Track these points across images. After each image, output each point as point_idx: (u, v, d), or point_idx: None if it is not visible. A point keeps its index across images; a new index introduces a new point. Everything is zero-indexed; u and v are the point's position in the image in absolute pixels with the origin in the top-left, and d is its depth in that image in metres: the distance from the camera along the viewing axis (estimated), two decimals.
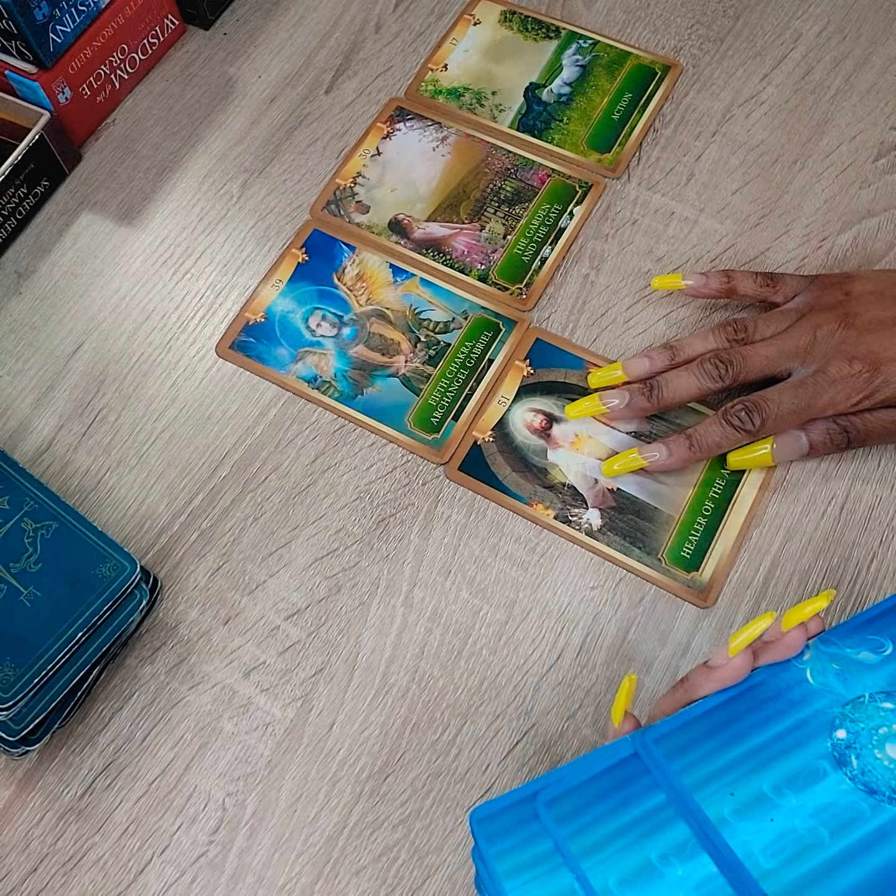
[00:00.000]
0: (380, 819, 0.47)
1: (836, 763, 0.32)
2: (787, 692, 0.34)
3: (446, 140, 0.64)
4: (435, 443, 0.55)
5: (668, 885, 0.31)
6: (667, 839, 0.32)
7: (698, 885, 0.31)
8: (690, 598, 0.50)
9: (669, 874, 0.31)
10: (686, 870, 0.31)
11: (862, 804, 0.31)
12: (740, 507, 0.52)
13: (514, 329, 0.58)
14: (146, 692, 0.50)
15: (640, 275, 0.59)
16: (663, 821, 0.32)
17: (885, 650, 0.34)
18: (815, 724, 0.33)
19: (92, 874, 0.46)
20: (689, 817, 0.32)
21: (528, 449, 0.55)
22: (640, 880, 0.31)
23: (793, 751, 0.33)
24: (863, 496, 0.52)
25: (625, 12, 0.69)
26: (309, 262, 0.61)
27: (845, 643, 0.35)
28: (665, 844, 0.32)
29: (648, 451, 0.52)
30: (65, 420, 0.57)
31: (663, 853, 0.31)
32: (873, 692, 0.33)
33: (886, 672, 0.34)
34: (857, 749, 0.32)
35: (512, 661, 0.50)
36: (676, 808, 0.32)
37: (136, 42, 0.67)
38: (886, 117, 0.63)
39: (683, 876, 0.31)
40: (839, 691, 0.34)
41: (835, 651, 0.35)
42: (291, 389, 0.57)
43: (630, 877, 0.31)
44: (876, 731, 0.33)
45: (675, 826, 0.32)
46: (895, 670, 0.34)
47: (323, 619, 0.51)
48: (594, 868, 0.31)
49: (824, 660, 0.35)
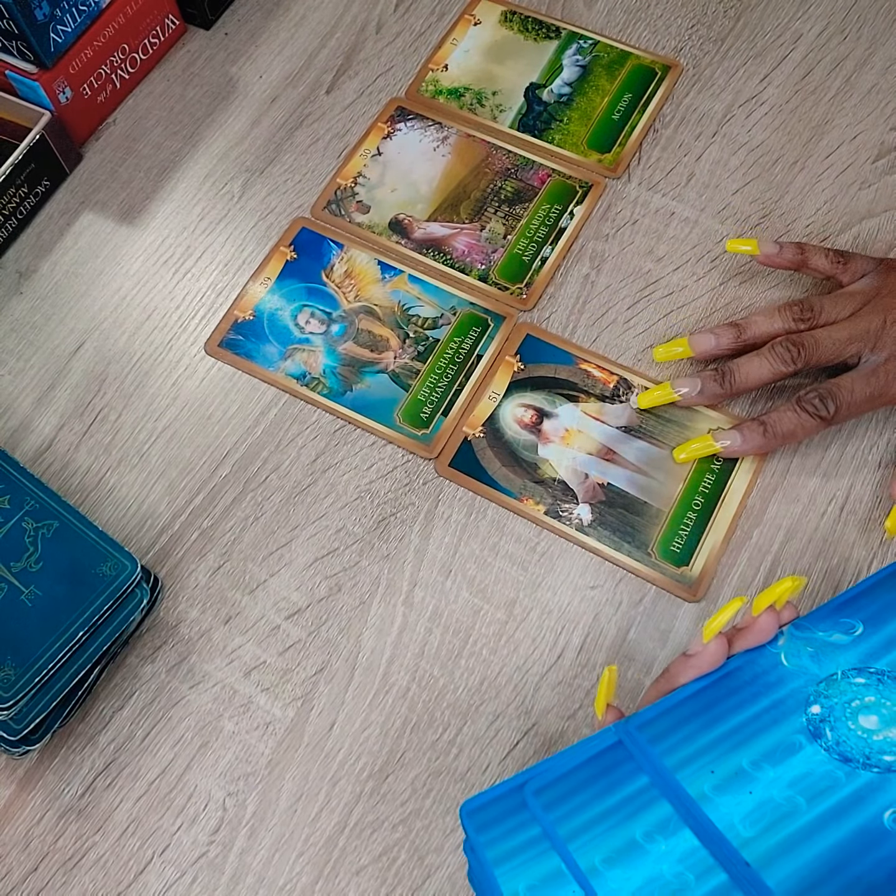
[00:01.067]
0: (380, 819, 0.47)
1: (811, 736, 0.33)
2: (763, 676, 0.35)
3: (447, 140, 0.64)
4: (424, 438, 0.55)
5: (652, 860, 0.32)
6: (650, 818, 0.33)
7: (681, 857, 0.32)
8: (680, 593, 0.50)
9: (653, 850, 0.32)
10: (669, 845, 0.32)
11: (837, 772, 0.32)
12: (730, 502, 0.52)
13: (502, 324, 0.58)
14: (147, 691, 0.50)
15: (641, 275, 0.59)
16: (647, 801, 0.33)
17: (855, 631, 0.35)
18: (790, 703, 0.34)
19: (92, 874, 0.46)
20: (672, 796, 0.33)
21: (518, 444, 0.55)
22: (625, 857, 0.32)
23: (770, 728, 0.34)
24: (863, 497, 0.52)
25: (625, 12, 0.69)
26: (297, 260, 0.61)
27: (818, 627, 0.36)
28: (649, 823, 0.33)
29: (722, 437, 0.52)
30: (66, 419, 0.57)
31: (647, 831, 0.32)
32: (846, 669, 0.35)
33: (858, 651, 0.35)
34: (832, 722, 0.33)
35: (512, 660, 0.50)
36: (659, 789, 0.33)
37: (137, 42, 0.67)
38: (887, 118, 0.63)
39: (667, 850, 0.32)
40: (813, 671, 0.35)
41: (808, 635, 0.36)
42: (280, 387, 0.57)
43: (615, 855, 0.32)
44: (849, 704, 0.34)
45: (658, 805, 0.33)
46: (866, 648, 0.35)
47: (323, 618, 0.51)
48: (581, 849, 0.32)
49: (799, 644, 0.36)
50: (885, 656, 0.34)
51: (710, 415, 0.54)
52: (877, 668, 0.34)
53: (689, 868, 0.32)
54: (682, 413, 0.55)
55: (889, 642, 0.35)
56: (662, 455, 0.54)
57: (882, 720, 0.33)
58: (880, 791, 0.32)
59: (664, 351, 0.55)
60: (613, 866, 0.32)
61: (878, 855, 0.30)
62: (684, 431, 0.54)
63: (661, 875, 0.31)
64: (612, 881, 0.31)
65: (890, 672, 0.34)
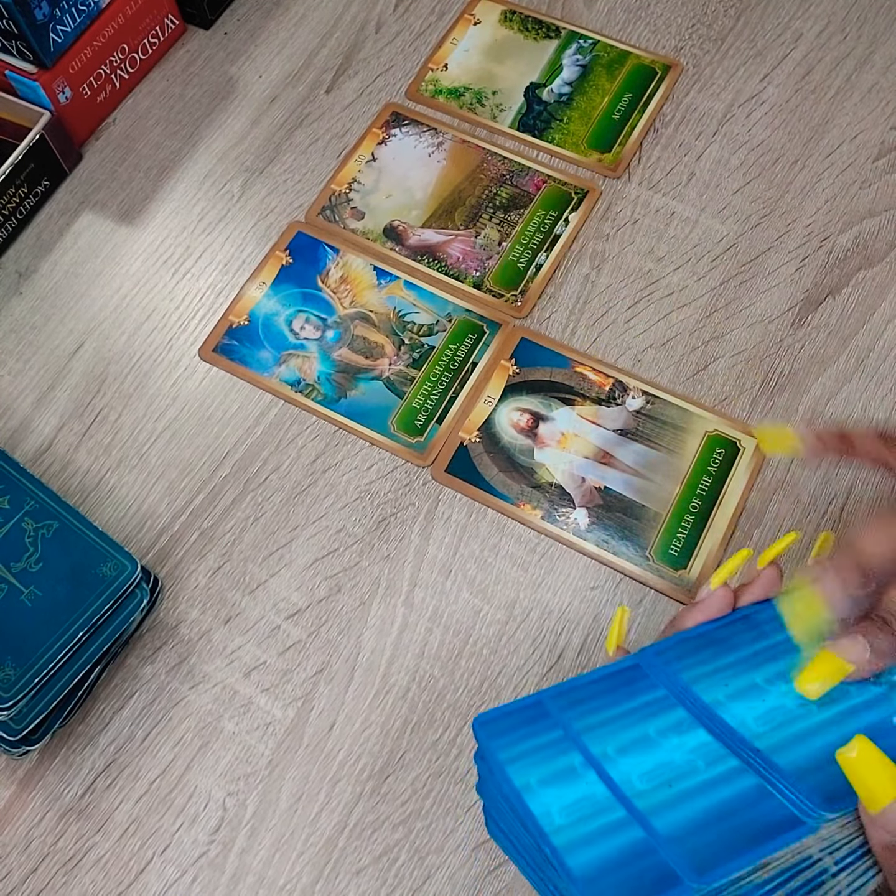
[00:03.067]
0: (380, 819, 0.47)
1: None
2: (779, 617, 0.36)
3: (442, 146, 0.64)
4: (418, 446, 0.55)
5: (665, 751, 0.33)
6: (665, 719, 0.34)
7: (693, 749, 0.33)
8: (678, 597, 0.50)
9: (666, 743, 0.33)
10: (682, 740, 0.33)
11: (850, 686, 0.34)
12: (728, 504, 0.52)
13: (497, 332, 0.58)
14: (147, 692, 0.50)
15: (641, 274, 0.59)
16: (662, 707, 0.34)
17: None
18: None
19: (93, 874, 0.46)
20: (687, 702, 0.34)
21: (514, 448, 0.55)
22: (638, 747, 0.33)
23: (784, 655, 0.35)
24: (863, 497, 0.52)
25: (625, 12, 0.69)
26: (293, 265, 0.61)
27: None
28: (663, 723, 0.34)
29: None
30: (65, 420, 0.57)
31: (661, 729, 0.34)
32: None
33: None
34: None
35: (512, 661, 0.50)
36: (676, 697, 0.35)
37: (137, 42, 0.67)
38: (887, 117, 0.63)
39: (679, 744, 0.33)
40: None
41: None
42: (274, 393, 0.57)
43: (628, 745, 0.33)
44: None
45: (673, 711, 0.34)
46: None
47: (323, 618, 0.51)
48: (594, 740, 0.33)
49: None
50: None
51: (706, 416, 0.54)
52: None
53: (700, 757, 0.33)
54: (678, 414, 0.55)
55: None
56: (659, 458, 0.54)
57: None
58: (887, 701, 0.34)
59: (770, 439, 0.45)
60: (626, 755, 0.33)
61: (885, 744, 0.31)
62: (680, 434, 0.54)
63: (672, 761, 0.32)
64: (623, 765, 0.32)
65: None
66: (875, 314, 0.57)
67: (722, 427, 0.54)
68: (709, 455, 0.53)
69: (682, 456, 0.54)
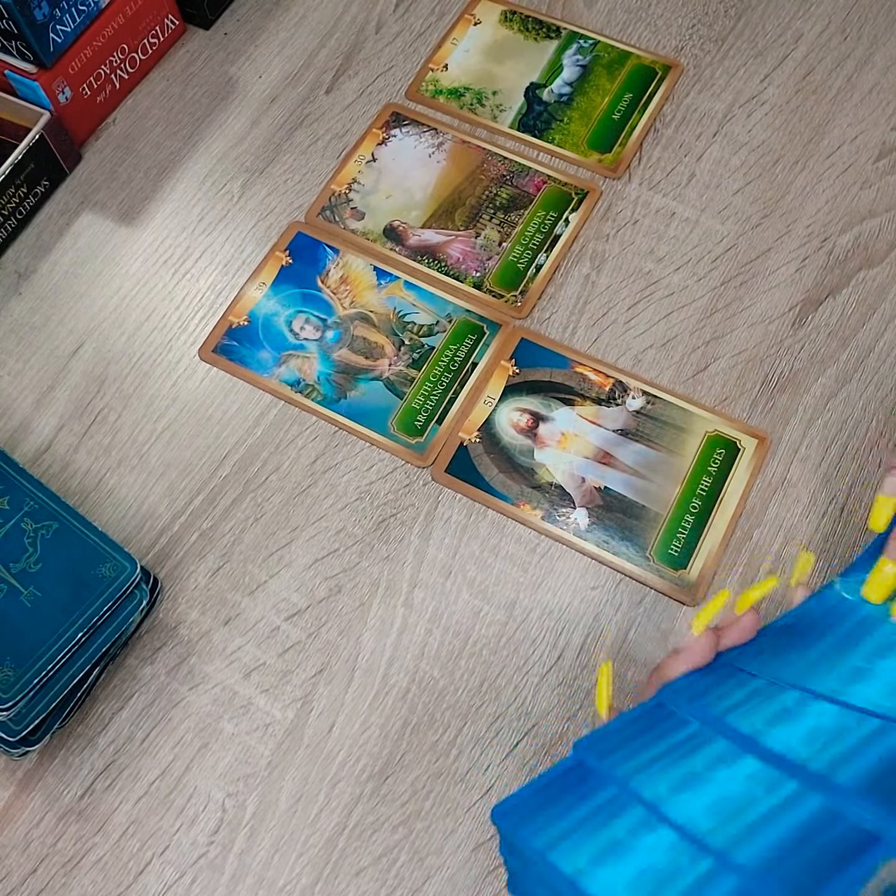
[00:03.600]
0: (380, 820, 0.47)
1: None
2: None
3: (442, 146, 0.64)
4: (418, 447, 0.55)
5: (717, 785, 0.31)
6: (709, 753, 0.33)
7: (746, 778, 0.31)
8: (678, 597, 0.50)
9: (716, 777, 0.32)
10: (731, 771, 0.32)
11: (886, 701, 0.33)
12: (727, 504, 0.52)
13: (498, 332, 0.58)
14: (146, 693, 0.50)
15: (642, 275, 0.59)
16: (701, 741, 0.33)
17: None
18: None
19: (92, 875, 0.46)
20: (727, 731, 0.33)
21: (514, 449, 0.54)
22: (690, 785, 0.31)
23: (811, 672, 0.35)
24: (863, 497, 0.52)
25: (626, 12, 0.69)
26: (293, 265, 0.61)
27: (862, 569, 0.39)
28: (708, 757, 0.32)
29: None
30: (65, 420, 0.57)
31: (708, 763, 0.32)
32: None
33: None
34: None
35: (512, 661, 0.50)
36: (713, 728, 0.33)
37: (137, 42, 0.67)
38: (888, 118, 0.63)
39: (730, 775, 0.32)
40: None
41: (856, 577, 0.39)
42: (274, 393, 0.57)
43: (679, 784, 0.31)
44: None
45: (714, 742, 0.33)
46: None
47: (323, 619, 0.51)
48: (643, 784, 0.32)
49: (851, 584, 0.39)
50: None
51: (706, 416, 0.54)
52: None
53: (756, 784, 0.31)
54: (678, 415, 0.55)
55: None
56: (659, 458, 0.54)
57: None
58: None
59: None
60: (680, 792, 0.31)
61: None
62: (680, 434, 0.54)
63: (730, 794, 0.31)
64: (680, 804, 0.31)
65: None
66: (875, 314, 0.57)
67: (722, 427, 0.54)
68: (709, 455, 0.53)
69: (682, 456, 0.54)
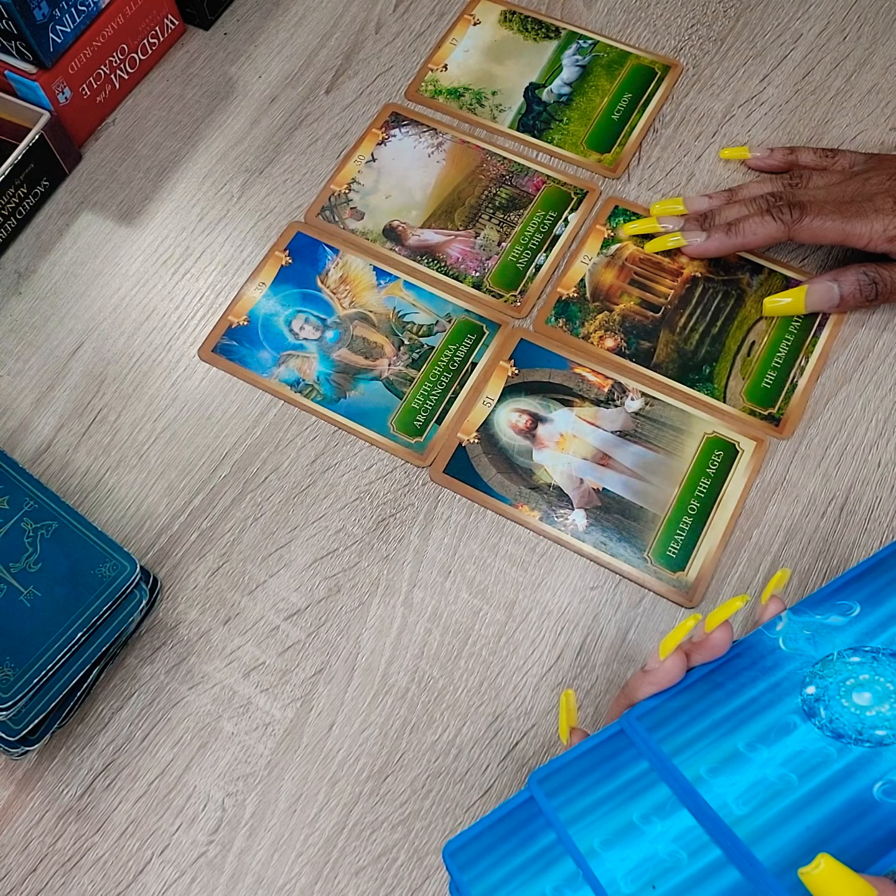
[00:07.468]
0: (379, 819, 0.47)
1: (805, 716, 0.34)
2: (760, 661, 0.36)
3: (441, 146, 0.64)
4: (417, 446, 0.55)
5: (648, 841, 0.33)
6: (648, 801, 0.34)
7: (676, 837, 0.32)
8: (676, 599, 0.50)
9: (649, 831, 0.33)
10: (665, 825, 0.33)
11: (829, 748, 0.33)
12: (726, 505, 0.52)
13: (497, 332, 0.58)
14: (146, 692, 0.50)
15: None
16: (646, 785, 0.34)
17: (852, 612, 0.36)
18: (786, 685, 0.35)
19: (91, 874, 0.46)
20: (670, 779, 0.34)
21: (513, 450, 0.54)
22: (622, 839, 0.33)
23: (765, 710, 0.34)
24: (863, 497, 0.52)
25: (625, 12, 0.69)
26: (292, 265, 0.61)
27: (815, 611, 0.36)
28: (646, 805, 0.33)
29: (690, 235, 0.57)
30: (65, 420, 0.57)
31: (644, 813, 0.33)
32: (841, 650, 0.35)
33: (854, 630, 0.35)
34: (826, 700, 0.34)
35: (512, 661, 0.50)
36: (658, 773, 0.34)
37: (136, 42, 0.67)
38: (887, 118, 0.63)
39: (662, 831, 0.33)
40: (809, 653, 0.35)
41: (805, 619, 0.36)
42: (274, 393, 0.57)
43: (612, 836, 0.33)
44: (843, 682, 0.34)
45: (656, 789, 0.34)
46: (862, 628, 0.35)
47: (323, 619, 0.51)
48: (580, 832, 0.33)
49: (796, 628, 0.36)
50: (881, 634, 0.35)
51: (705, 418, 0.54)
52: (872, 647, 0.35)
53: (683, 846, 0.32)
54: (676, 416, 0.55)
55: (885, 621, 0.35)
56: (658, 459, 0.54)
57: (875, 696, 0.33)
58: (871, 764, 0.32)
59: (661, 207, 0.59)
60: (610, 847, 0.33)
61: (866, 824, 0.31)
62: (679, 436, 0.54)
63: (656, 854, 0.32)
64: (608, 862, 0.32)
65: (884, 649, 0.35)
66: (875, 314, 0.57)
67: (721, 429, 0.54)
68: (707, 457, 0.53)
69: (680, 458, 0.54)
